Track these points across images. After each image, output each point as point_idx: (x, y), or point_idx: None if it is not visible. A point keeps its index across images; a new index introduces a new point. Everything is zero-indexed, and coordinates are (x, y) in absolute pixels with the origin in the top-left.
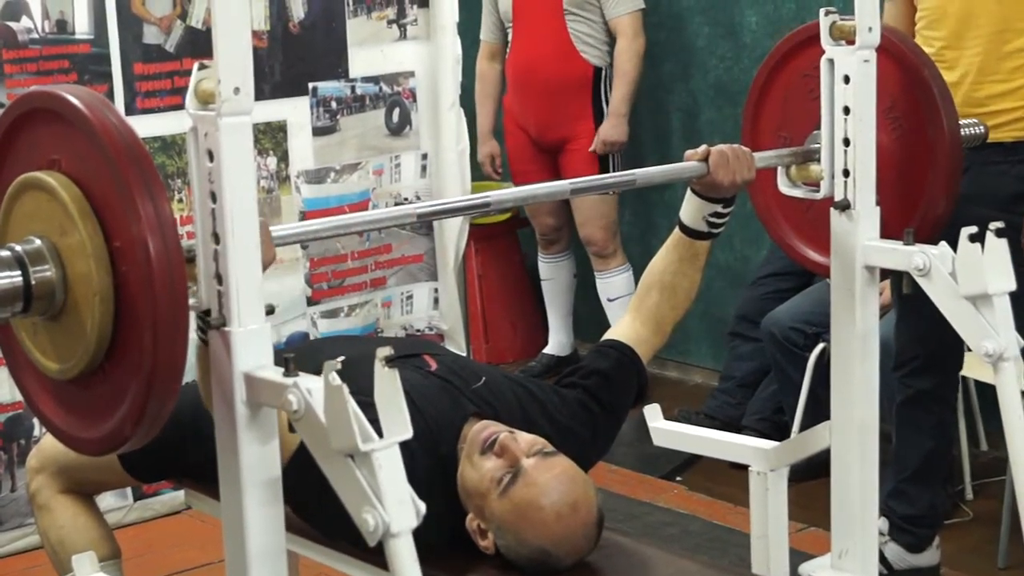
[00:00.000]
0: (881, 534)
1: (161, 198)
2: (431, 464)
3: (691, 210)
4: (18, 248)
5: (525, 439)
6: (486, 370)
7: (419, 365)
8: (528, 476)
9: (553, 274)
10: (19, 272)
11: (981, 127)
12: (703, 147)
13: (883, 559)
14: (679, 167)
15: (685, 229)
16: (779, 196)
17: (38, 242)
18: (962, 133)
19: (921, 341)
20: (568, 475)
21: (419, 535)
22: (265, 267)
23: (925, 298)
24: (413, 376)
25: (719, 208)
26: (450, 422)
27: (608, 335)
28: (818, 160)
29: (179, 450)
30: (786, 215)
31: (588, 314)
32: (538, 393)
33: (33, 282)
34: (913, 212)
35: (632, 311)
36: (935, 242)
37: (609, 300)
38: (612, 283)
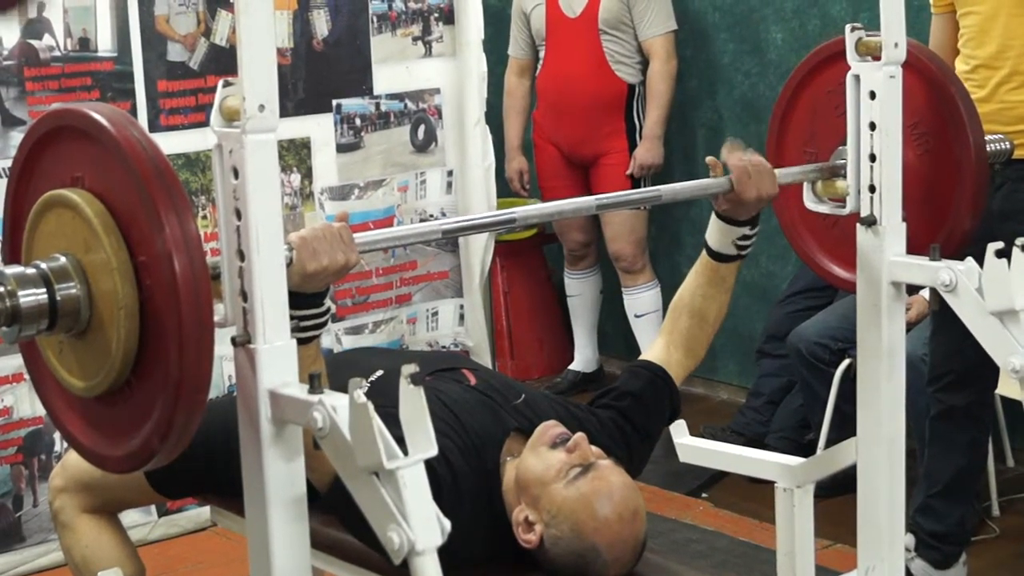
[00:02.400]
0: (907, 550)
1: (186, 214)
2: (475, 477)
3: (718, 235)
4: (43, 265)
5: (595, 447)
6: (525, 388)
7: (458, 379)
8: (600, 471)
9: (580, 290)
10: (44, 290)
11: (1007, 143)
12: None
13: (909, 575)
14: (704, 183)
15: (713, 254)
16: (804, 212)
17: (63, 259)
18: (988, 149)
19: (956, 356)
20: (632, 486)
21: (459, 548)
22: (351, 269)
23: None
24: (454, 389)
25: (746, 231)
26: (492, 436)
27: (642, 357)
28: (844, 176)
29: (205, 467)
30: (812, 231)
31: (614, 330)
32: (576, 413)
33: (58, 299)
34: (940, 228)
35: (664, 335)
36: (962, 258)
37: (636, 316)
38: (640, 299)
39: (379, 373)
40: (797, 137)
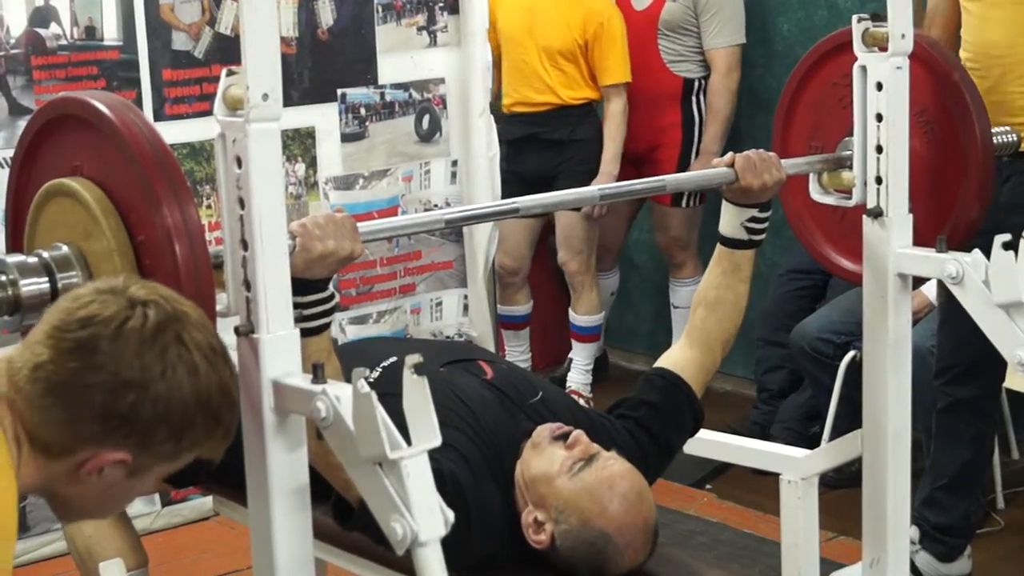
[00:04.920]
0: (912, 543)
1: (186, 199)
2: (494, 476)
3: (728, 219)
4: (45, 255)
5: (596, 444)
6: (543, 385)
7: (475, 372)
8: (602, 461)
9: None
10: (46, 279)
11: (1013, 135)
12: (729, 154)
13: (914, 568)
14: (709, 173)
15: (725, 241)
16: (810, 203)
17: (65, 248)
18: (995, 141)
19: (963, 349)
20: (634, 471)
21: (486, 546)
22: (352, 261)
23: None
24: (471, 384)
25: (756, 212)
26: (509, 438)
27: (659, 362)
28: (850, 167)
29: None
30: (818, 222)
31: (619, 323)
32: (593, 416)
33: (60, 288)
34: (946, 219)
35: (684, 335)
36: (968, 249)
37: (674, 307)
38: (678, 293)
39: (392, 359)
40: (803, 128)
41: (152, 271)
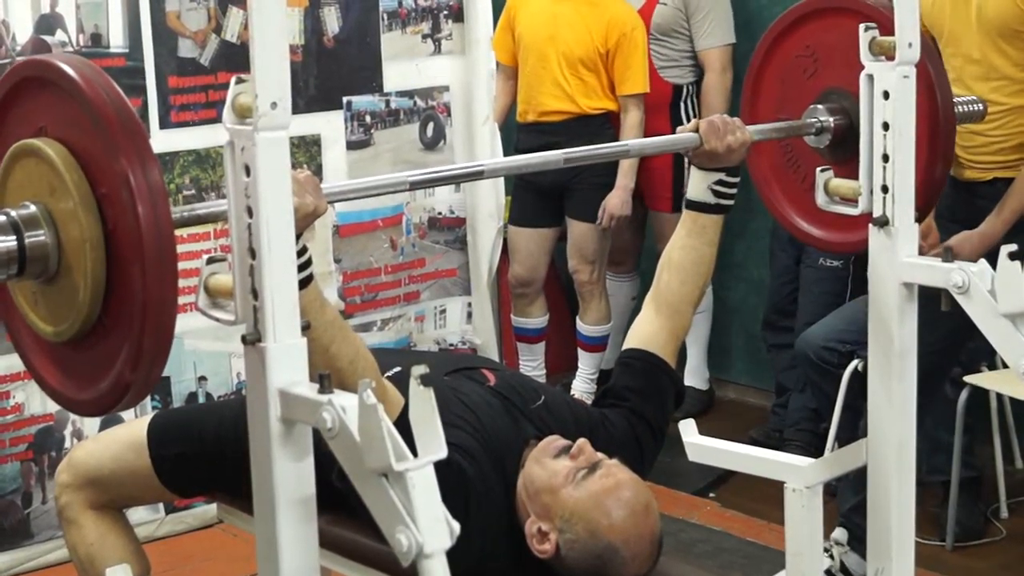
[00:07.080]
0: (839, 544)
1: (142, 141)
2: (498, 483)
3: (696, 183)
4: (13, 213)
5: (600, 453)
6: (545, 388)
7: (478, 379)
8: (607, 469)
9: (613, 291)
10: (14, 237)
11: (980, 104)
12: (694, 120)
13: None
14: (673, 138)
15: (690, 203)
16: (776, 170)
17: (33, 208)
18: (959, 110)
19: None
20: (639, 481)
21: (485, 551)
22: (317, 217)
23: None
24: (474, 390)
25: (723, 176)
26: (512, 444)
27: (629, 338)
28: (815, 133)
29: (218, 464)
30: (784, 189)
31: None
32: (594, 415)
33: (27, 246)
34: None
35: (648, 302)
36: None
37: None
38: None
39: (397, 369)
40: (769, 102)
41: (116, 227)
